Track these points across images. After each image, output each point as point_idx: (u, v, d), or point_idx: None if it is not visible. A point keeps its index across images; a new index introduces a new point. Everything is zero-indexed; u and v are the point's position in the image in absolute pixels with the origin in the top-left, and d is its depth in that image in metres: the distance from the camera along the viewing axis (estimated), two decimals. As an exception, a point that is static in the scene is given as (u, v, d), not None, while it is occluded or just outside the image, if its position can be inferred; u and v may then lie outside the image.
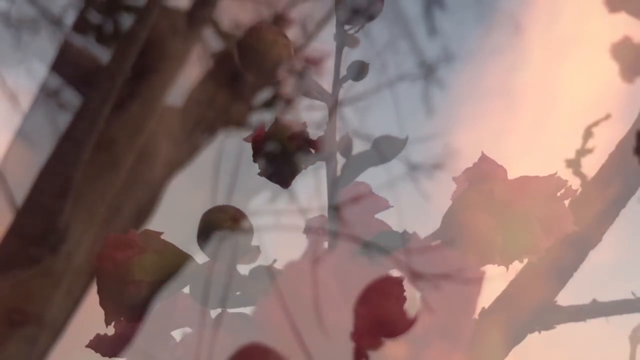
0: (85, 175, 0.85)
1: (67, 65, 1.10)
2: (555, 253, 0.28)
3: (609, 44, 0.64)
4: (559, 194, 0.26)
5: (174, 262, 0.26)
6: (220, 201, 0.32)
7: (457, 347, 0.21)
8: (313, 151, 0.28)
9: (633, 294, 0.37)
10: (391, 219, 0.32)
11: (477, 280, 0.21)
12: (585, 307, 0.36)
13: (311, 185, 0.32)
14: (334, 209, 0.26)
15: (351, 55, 0.27)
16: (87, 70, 1.11)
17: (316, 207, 0.34)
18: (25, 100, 1.16)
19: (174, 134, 1.08)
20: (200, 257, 0.27)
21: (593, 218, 0.35)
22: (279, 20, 1.60)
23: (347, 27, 0.26)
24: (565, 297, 0.35)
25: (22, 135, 1.11)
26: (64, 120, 0.97)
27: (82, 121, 0.80)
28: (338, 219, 0.28)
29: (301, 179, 0.30)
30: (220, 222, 0.25)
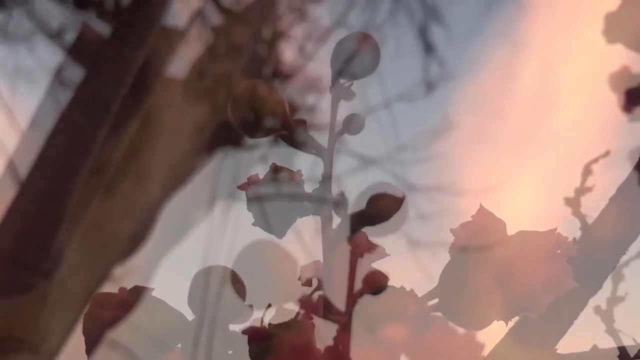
0: (80, 200, 0.85)
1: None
2: (555, 305, 0.27)
3: (607, 75, 0.63)
4: (559, 251, 0.25)
5: (165, 320, 0.25)
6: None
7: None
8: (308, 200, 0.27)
9: (634, 340, 0.37)
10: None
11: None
12: (586, 355, 0.35)
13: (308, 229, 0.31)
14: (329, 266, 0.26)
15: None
16: (90, 45, 1.10)
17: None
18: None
19: (171, 155, 1.08)
20: (191, 315, 0.26)
21: (594, 265, 0.34)
22: (278, 37, 1.60)
23: (342, 80, 0.25)
24: (566, 345, 0.35)
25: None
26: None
27: (77, 146, 0.79)
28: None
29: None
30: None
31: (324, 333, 0.24)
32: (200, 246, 0.27)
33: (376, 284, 0.31)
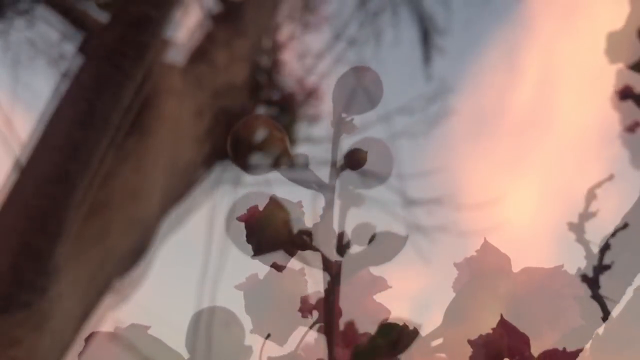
0: (79, 215, 0.84)
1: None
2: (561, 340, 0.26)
3: (610, 94, 0.63)
4: (565, 290, 0.25)
5: (161, 360, 0.24)
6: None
7: None
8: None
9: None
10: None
11: None
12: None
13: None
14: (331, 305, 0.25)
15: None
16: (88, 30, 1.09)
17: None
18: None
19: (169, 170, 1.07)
20: (187, 354, 0.25)
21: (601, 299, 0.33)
22: (278, 49, 1.60)
23: (344, 115, 0.25)
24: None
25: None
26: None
27: (76, 162, 0.79)
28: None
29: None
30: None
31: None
32: (197, 285, 0.26)
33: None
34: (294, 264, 0.29)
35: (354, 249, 0.24)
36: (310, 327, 0.27)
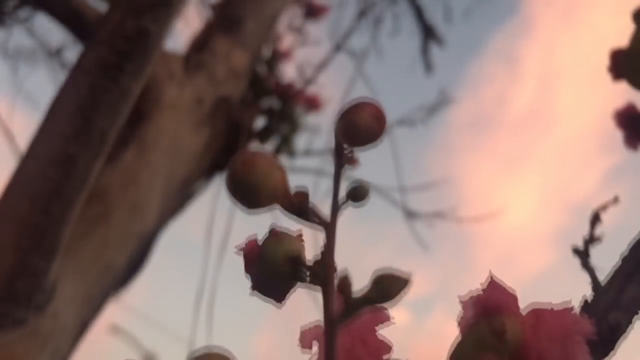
0: (75, 231, 0.83)
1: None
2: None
3: (612, 111, 0.62)
4: (575, 333, 0.24)
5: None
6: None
7: None
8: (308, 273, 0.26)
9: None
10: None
11: None
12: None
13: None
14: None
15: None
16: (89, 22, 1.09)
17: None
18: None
19: (165, 183, 1.06)
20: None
21: (605, 327, 0.32)
22: (278, 58, 1.59)
23: (345, 146, 0.24)
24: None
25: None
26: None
27: (72, 177, 0.78)
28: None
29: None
30: None
31: None
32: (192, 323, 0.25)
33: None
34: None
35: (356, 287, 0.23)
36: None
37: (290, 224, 0.30)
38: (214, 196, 1.26)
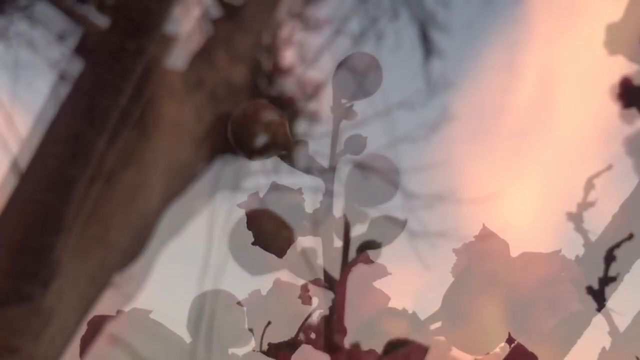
0: (79, 209, 0.84)
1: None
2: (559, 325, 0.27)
3: (608, 85, 0.63)
4: (563, 274, 0.25)
5: (163, 343, 0.25)
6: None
7: None
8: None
9: (637, 358, 0.36)
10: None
11: None
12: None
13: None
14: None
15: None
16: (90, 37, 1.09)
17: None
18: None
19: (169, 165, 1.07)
20: (189, 338, 0.25)
21: (597, 283, 0.34)
22: (277, 45, 1.60)
23: (344, 100, 0.25)
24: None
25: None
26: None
27: (76, 156, 0.79)
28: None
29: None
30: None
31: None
32: (199, 268, 0.26)
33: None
34: (297, 280, 0.29)
35: (355, 231, 0.24)
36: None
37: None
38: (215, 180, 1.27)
